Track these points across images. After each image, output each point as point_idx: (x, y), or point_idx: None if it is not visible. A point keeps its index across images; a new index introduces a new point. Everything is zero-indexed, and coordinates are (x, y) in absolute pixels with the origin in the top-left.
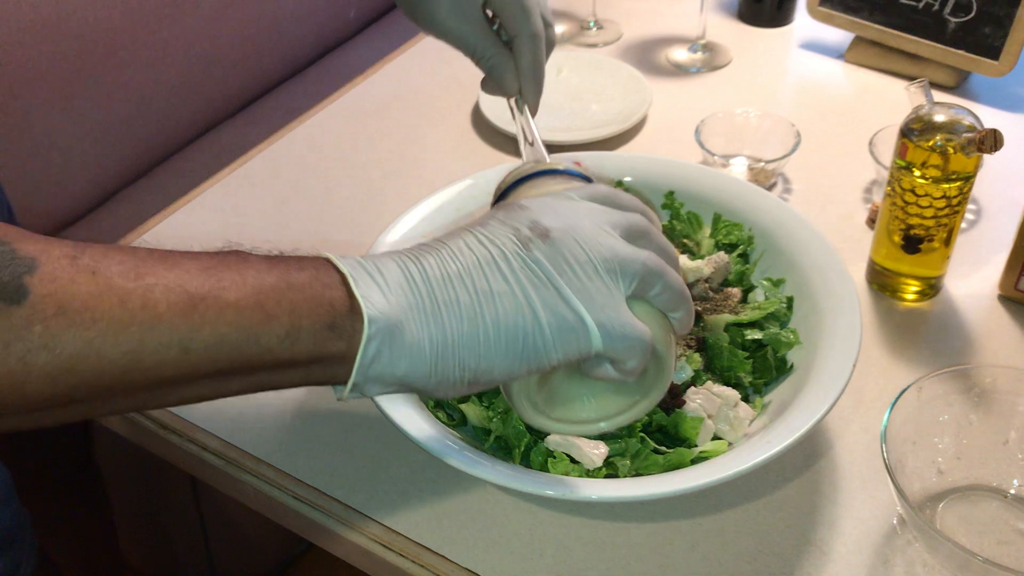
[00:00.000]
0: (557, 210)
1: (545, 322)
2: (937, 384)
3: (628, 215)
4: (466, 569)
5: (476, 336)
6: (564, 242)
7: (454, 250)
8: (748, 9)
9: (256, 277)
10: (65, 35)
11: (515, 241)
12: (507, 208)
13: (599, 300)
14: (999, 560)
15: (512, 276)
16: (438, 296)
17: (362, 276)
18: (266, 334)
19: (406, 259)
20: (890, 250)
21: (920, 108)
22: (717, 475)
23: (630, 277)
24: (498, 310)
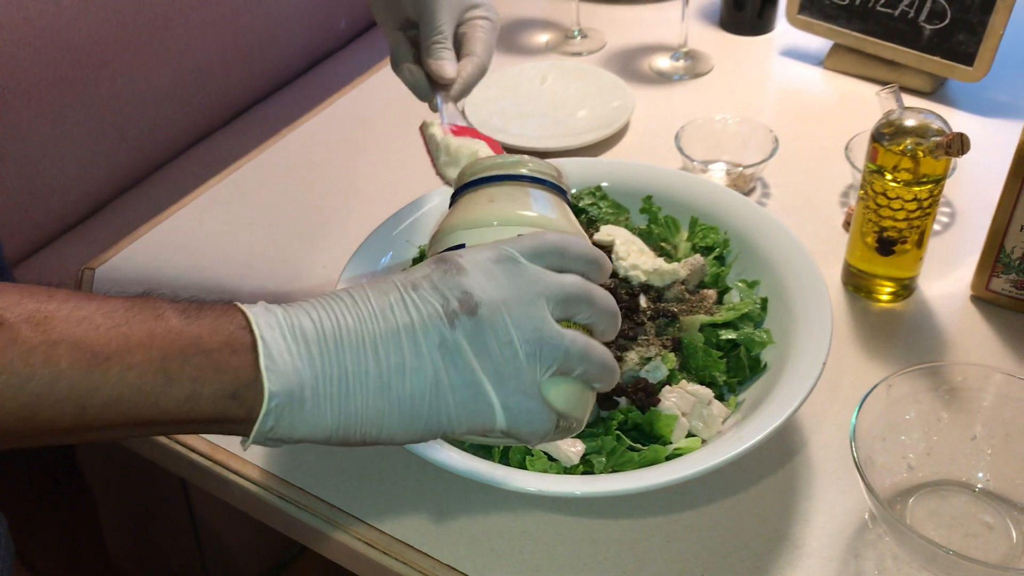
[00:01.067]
0: (495, 278)
1: (453, 402)
2: (906, 382)
3: (567, 283)
4: (449, 566)
5: (381, 410)
6: (491, 320)
7: (376, 311)
8: (729, 18)
9: (164, 338)
10: (57, 46)
11: (440, 315)
12: (445, 267)
13: (511, 384)
14: (967, 552)
15: (429, 353)
16: (349, 367)
17: (274, 340)
18: (166, 397)
19: (325, 316)
20: (864, 252)
21: (891, 113)
22: (691, 470)
23: (549, 362)
24: (408, 387)
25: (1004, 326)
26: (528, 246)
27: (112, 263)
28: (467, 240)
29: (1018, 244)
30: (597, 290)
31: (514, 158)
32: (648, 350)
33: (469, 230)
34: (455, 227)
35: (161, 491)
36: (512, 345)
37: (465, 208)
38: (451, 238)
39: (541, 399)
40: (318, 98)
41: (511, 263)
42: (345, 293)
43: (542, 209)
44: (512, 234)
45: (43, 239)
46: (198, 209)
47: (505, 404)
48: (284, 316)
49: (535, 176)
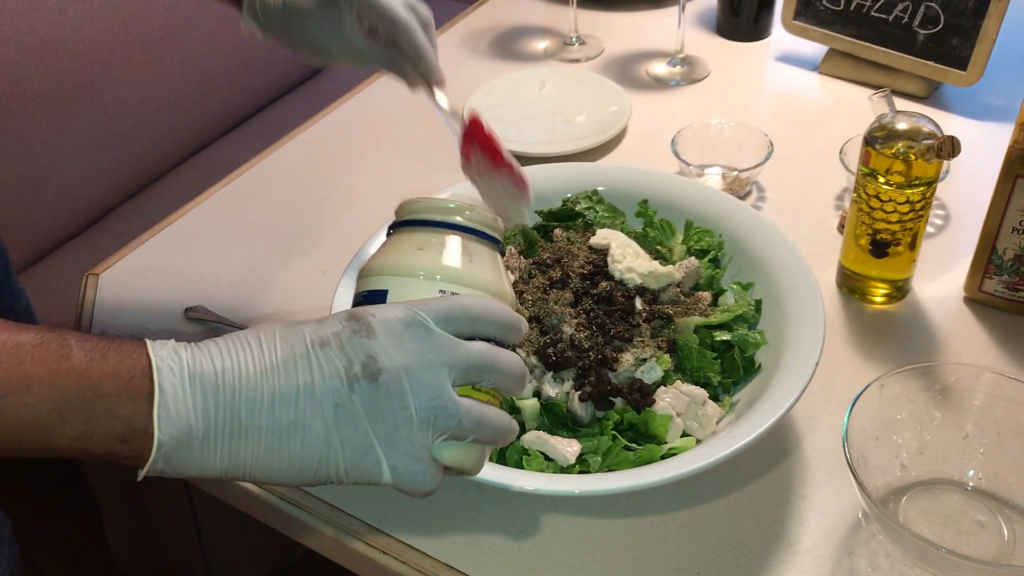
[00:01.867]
0: (402, 344)
1: (343, 459)
2: (899, 382)
3: (472, 353)
4: (447, 565)
5: (271, 462)
6: (389, 386)
7: (279, 365)
8: (726, 24)
9: (65, 379)
10: (62, 55)
11: (341, 377)
12: (356, 326)
13: (401, 445)
14: (959, 550)
15: (324, 413)
16: (242, 420)
17: (172, 388)
18: (57, 435)
19: (229, 363)
20: (858, 254)
21: (883, 117)
22: (686, 468)
23: (442, 429)
24: (299, 444)
25: (997, 327)
26: (441, 311)
27: (115, 269)
28: (390, 287)
29: (1010, 246)
30: (502, 357)
31: (452, 204)
32: (643, 351)
33: (395, 277)
34: (381, 270)
35: (164, 493)
36: (408, 411)
37: (395, 250)
38: (375, 281)
39: (429, 460)
40: (319, 106)
41: (420, 328)
42: (255, 338)
43: (469, 265)
44: (434, 289)
45: (47, 246)
46: (200, 215)
47: (392, 464)
48: (189, 360)
49: (469, 227)
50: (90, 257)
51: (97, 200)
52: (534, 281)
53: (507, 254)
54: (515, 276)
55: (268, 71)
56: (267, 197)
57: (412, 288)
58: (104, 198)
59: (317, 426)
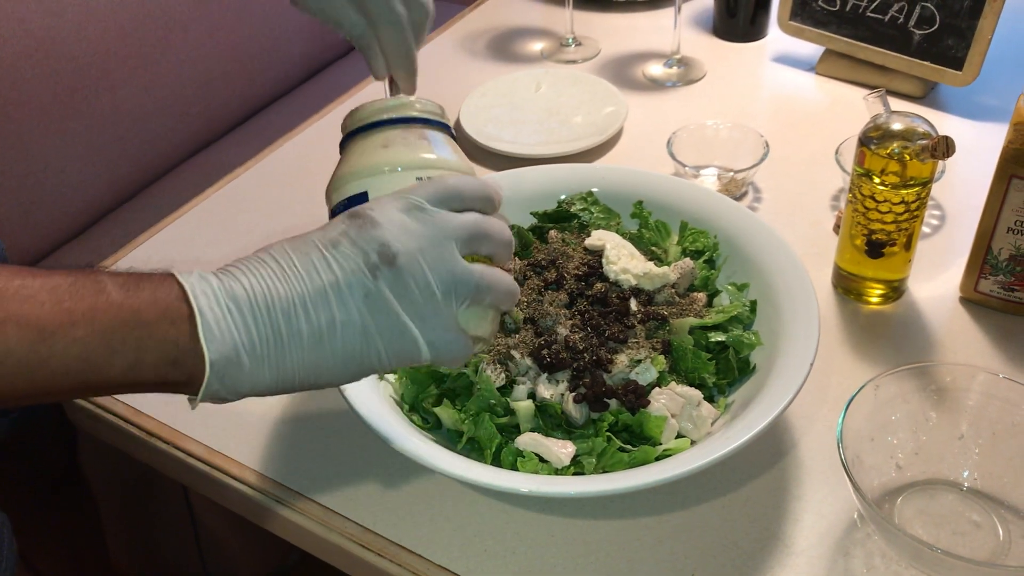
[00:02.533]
0: (407, 228)
1: (382, 346)
2: (894, 382)
3: (468, 223)
4: (442, 567)
5: (317, 363)
6: (409, 268)
7: (302, 273)
8: (722, 24)
9: (106, 312)
10: (59, 58)
11: (363, 269)
12: (360, 222)
13: (432, 320)
14: (954, 550)
15: (356, 306)
16: (282, 329)
17: (210, 310)
18: (109, 366)
19: (256, 282)
20: (853, 255)
21: (878, 117)
22: (681, 469)
23: (462, 295)
24: (339, 340)
25: (993, 327)
26: (432, 192)
27: None
28: (369, 188)
29: (1005, 246)
30: (492, 224)
31: (400, 100)
32: (638, 352)
33: (370, 178)
34: (355, 174)
35: (162, 495)
36: (430, 287)
37: (361, 154)
38: (352, 186)
39: (459, 329)
40: (316, 108)
41: (419, 211)
42: (269, 257)
43: (437, 150)
44: (411, 179)
45: (45, 249)
46: (197, 218)
47: (429, 340)
48: (218, 285)
49: (424, 117)
50: (87, 259)
51: (94, 202)
52: (529, 282)
53: None
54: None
55: (266, 73)
56: (264, 199)
57: (390, 182)
58: (101, 200)
59: (353, 319)
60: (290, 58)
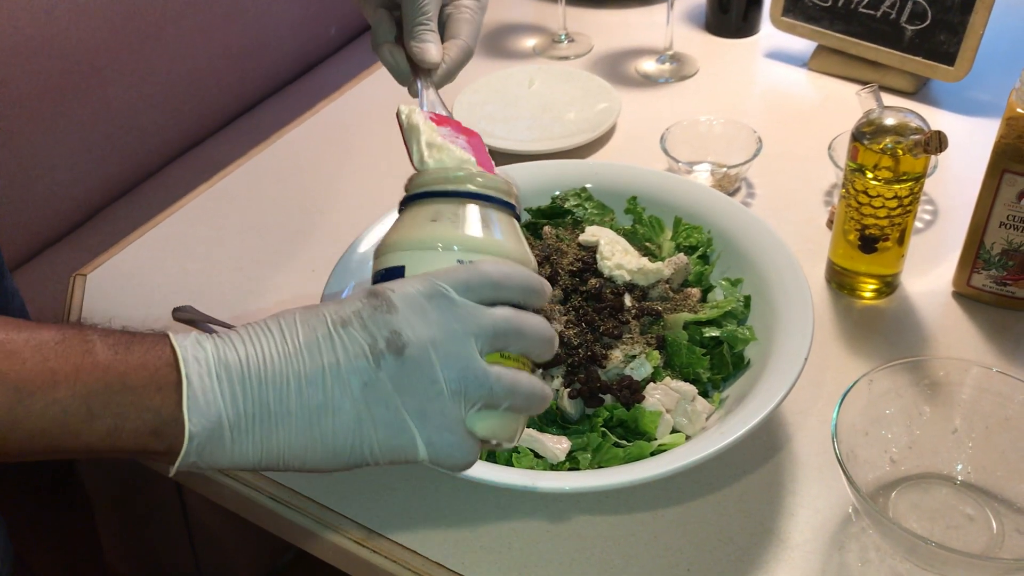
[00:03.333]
0: (425, 316)
1: (376, 439)
2: (887, 377)
3: (497, 319)
4: (438, 563)
5: (304, 447)
6: (417, 360)
7: (303, 348)
8: (715, 20)
9: (91, 373)
10: (48, 54)
11: (367, 355)
12: (376, 303)
13: (435, 420)
14: (948, 543)
15: (353, 393)
16: (271, 406)
17: (199, 378)
18: (88, 431)
19: (252, 351)
20: (847, 250)
21: (871, 112)
22: (676, 464)
23: (475, 399)
24: (331, 426)
25: (985, 321)
26: (461, 279)
27: (103, 269)
28: (407, 262)
29: (997, 240)
30: (528, 321)
31: (463, 172)
32: (633, 348)
33: (410, 252)
34: (397, 245)
35: (157, 496)
36: (438, 384)
37: (409, 224)
38: (392, 258)
39: (464, 433)
40: (308, 104)
41: (442, 299)
42: (276, 325)
43: (486, 231)
44: (452, 259)
45: (36, 247)
46: (188, 215)
47: (428, 440)
48: (213, 351)
49: (482, 194)
50: (79, 257)
51: (85, 200)
52: None
53: None
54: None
55: (257, 70)
56: (255, 196)
57: (429, 260)
58: (92, 198)
59: (346, 406)
60: (282, 55)
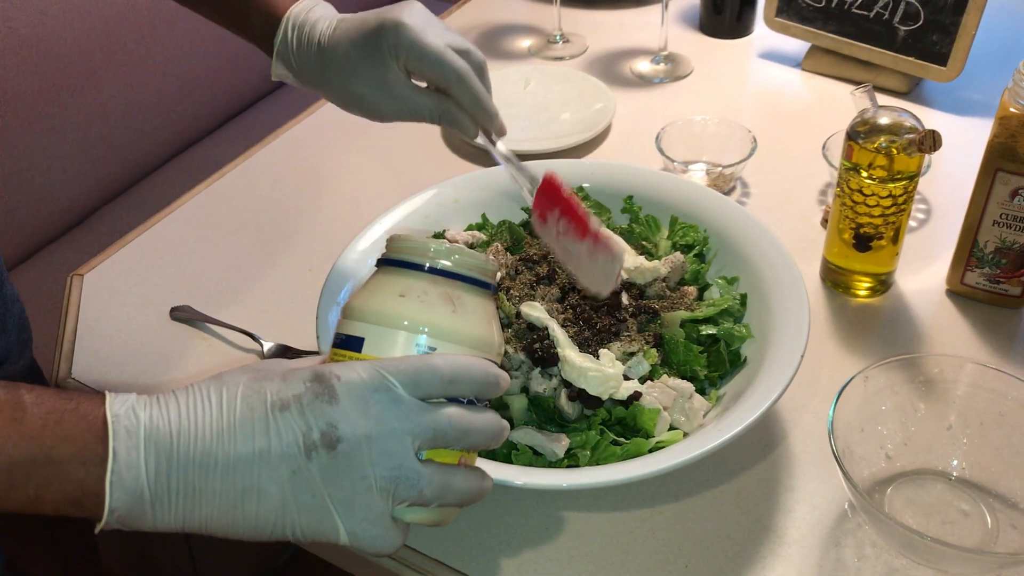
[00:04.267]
0: (366, 410)
1: (299, 522)
2: (882, 374)
3: (440, 421)
4: (437, 561)
5: (226, 522)
6: (348, 456)
7: (236, 429)
8: (709, 21)
9: (17, 445)
10: (44, 56)
11: (299, 445)
12: (319, 390)
13: (360, 513)
14: (944, 538)
15: (279, 481)
16: (197, 484)
17: (126, 453)
18: (7, 499)
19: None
20: (842, 248)
21: (865, 112)
22: (673, 461)
23: (403, 497)
24: (256, 507)
25: (979, 319)
26: (410, 374)
27: (100, 269)
28: (367, 336)
29: (991, 239)
30: (475, 421)
31: (441, 247)
32: (630, 346)
33: (372, 325)
34: (362, 315)
35: None
36: (367, 480)
37: (378, 292)
38: (354, 326)
39: (388, 525)
40: (303, 106)
41: (386, 393)
42: (217, 396)
43: (451, 317)
44: (412, 343)
45: (31, 247)
46: (185, 215)
47: (350, 529)
48: (147, 420)
49: (456, 273)
50: (75, 258)
51: (81, 201)
52: (521, 277)
53: (494, 251)
54: (502, 272)
55: (252, 70)
56: (252, 196)
57: (388, 340)
58: (88, 199)
59: (272, 491)
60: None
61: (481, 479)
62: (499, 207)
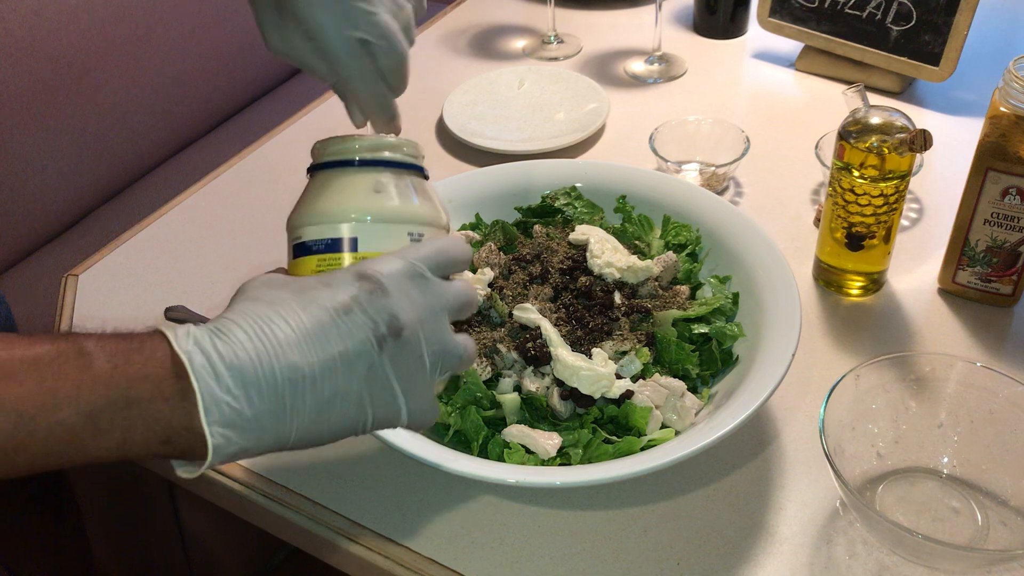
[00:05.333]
0: (412, 298)
1: (371, 414)
2: (874, 372)
3: (460, 295)
4: (430, 559)
5: (312, 431)
6: (410, 340)
7: (314, 338)
8: (702, 21)
9: (92, 390)
10: (38, 57)
11: (372, 340)
12: (370, 287)
13: (415, 390)
14: (934, 535)
15: (358, 378)
16: (287, 403)
17: (209, 390)
18: (96, 447)
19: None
20: (834, 248)
21: (857, 111)
22: (665, 459)
23: (447, 368)
24: (339, 410)
25: (970, 317)
26: (432, 259)
27: (95, 270)
28: (359, 235)
29: (982, 237)
30: (472, 292)
31: (387, 140)
32: (623, 345)
33: (359, 224)
34: (340, 214)
35: (148, 498)
36: (422, 359)
37: (348, 193)
38: (338, 228)
39: (433, 399)
40: (298, 106)
41: (421, 279)
42: (277, 315)
43: (426, 203)
44: (403, 234)
45: (26, 248)
46: (179, 216)
47: (410, 408)
48: (218, 353)
49: (411, 163)
50: (70, 259)
51: (75, 202)
52: (514, 277)
53: (487, 250)
54: (495, 272)
55: (247, 71)
56: (246, 197)
57: (380, 234)
58: (82, 200)
59: (353, 388)
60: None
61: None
62: (492, 207)
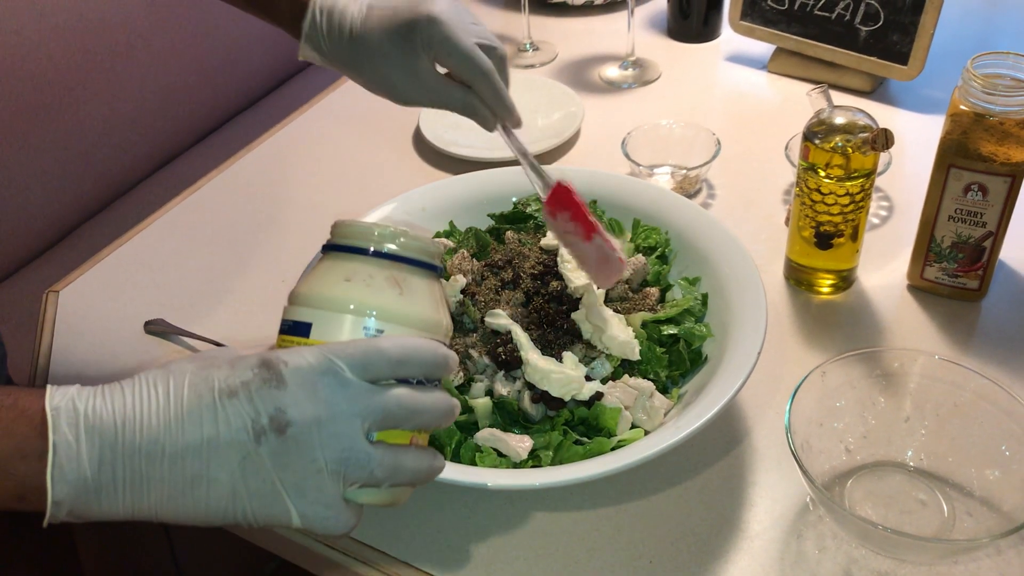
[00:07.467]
0: (314, 394)
1: (249, 508)
2: (840, 368)
3: (389, 403)
4: (406, 563)
5: (177, 509)
6: (298, 440)
7: (184, 417)
8: (676, 26)
9: None
10: (20, 75)
11: (248, 431)
12: (266, 376)
13: (311, 495)
14: (902, 528)
15: (229, 468)
16: (143, 474)
17: (66, 446)
18: None
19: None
20: (803, 247)
21: (821, 112)
22: (636, 457)
23: (354, 479)
24: (206, 494)
25: (938, 313)
26: (357, 357)
27: (76, 285)
28: (314, 320)
29: (947, 234)
30: (423, 401)
31: (386, 230)
32: (592, 349)
33: (319, 310)
34: (308, 300)
35: None
36: (317, 463)
37: (324, 278)
38: (301, 312)
39: (341, 507)
40: (279, 119)
41: (334, 377)
42: (164, 383)
43: (398, 299)
44: (360, 326)
45: (10, 266)
46: (159, 230)
47: (302, 512)
48: (88, 411)
49: (401, 256)
50: (54, 275)
51: (60, 220)
52: (486, 283)
53: (460, 257)
54: (468, 279)
55: (228, 85)
56: (225, 210)
57: (335, 325)
58: (67, 216)
59: (222, 477)
60: (252, 70)
61: (432, 458)
62: (465, 215)
